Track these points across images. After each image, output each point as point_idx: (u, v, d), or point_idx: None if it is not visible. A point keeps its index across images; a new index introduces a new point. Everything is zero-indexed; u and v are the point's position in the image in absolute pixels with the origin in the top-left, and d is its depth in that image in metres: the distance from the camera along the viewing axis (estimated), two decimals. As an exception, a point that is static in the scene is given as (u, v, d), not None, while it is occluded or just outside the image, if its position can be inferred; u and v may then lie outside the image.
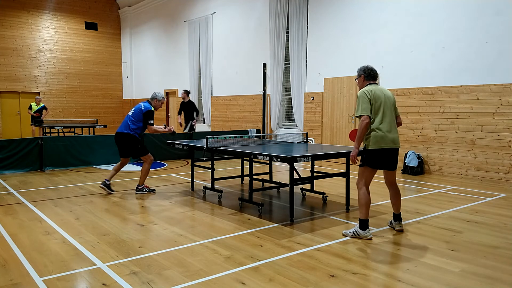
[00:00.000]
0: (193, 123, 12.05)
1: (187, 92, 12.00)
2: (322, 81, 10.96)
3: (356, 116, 4.40)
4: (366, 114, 4.30)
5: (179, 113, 12.22)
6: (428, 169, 8.77)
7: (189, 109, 12.00)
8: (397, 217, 4.74)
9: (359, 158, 4.53)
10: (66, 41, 18.94)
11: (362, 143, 4.45)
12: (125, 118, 6.83)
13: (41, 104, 15.25)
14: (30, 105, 15.26)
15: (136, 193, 6.76)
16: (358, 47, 10.05)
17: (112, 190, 6.86)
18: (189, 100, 12.06)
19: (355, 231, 4.42)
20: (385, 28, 9.48)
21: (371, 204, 5.98)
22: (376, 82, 4.61)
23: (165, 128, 6.98)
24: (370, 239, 4.38)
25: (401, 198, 6.47)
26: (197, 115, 12.19)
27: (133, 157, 6.88)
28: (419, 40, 8.85)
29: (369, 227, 4.49)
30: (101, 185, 6.82)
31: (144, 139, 10.62)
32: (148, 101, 6.85)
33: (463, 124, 8.14)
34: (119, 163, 6.91)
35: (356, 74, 4.71)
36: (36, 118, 14.76)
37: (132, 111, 6.78)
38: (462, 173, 8.18)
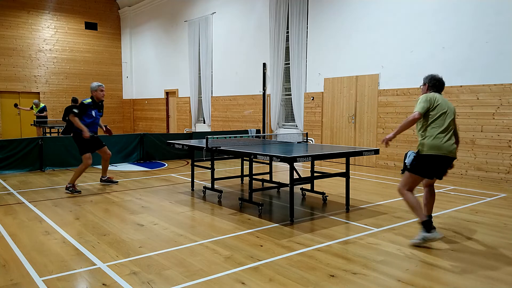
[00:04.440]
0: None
1: (73, 99, 12.22)
2: (322, 81, 10.96)
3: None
4: (419, 111, 4.14)
5: (64, 119, 12.20)
6: (428, 169, 8.76)
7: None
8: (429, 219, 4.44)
9: (389, 143, 4.35)
10: (66, 41, 18.94)
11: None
12: None
13: (42, 105, 15.27)
14: (32, 107, 15.35)
15: (65, 191, 6.85)
16: (358, 47, 10.05)
17: (113, 182, 7.61)
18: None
19: (422, 236, 4.11)
20: (385, 28, 9.47)
21: (371, 204, 5.99)
22: (441, 93, 4.42)
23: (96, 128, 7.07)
24: (440, 239, 4.20)
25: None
26: None
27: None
28: (419, 40, 8.85)
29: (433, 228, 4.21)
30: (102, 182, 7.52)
31: (144, 139, 10.61)
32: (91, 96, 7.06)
33: (463, 124, 8.13)
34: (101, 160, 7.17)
35: (422, 82, 4.53)
36: (39, 119, 14.80)
37: None
38: (462, 173, 8.18)
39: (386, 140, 4.33)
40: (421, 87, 4.53)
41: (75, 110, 6.73)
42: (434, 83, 4.39)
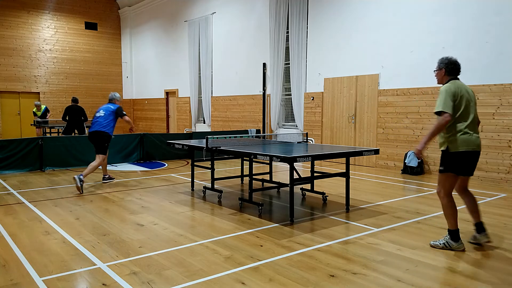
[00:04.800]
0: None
1: (74, 99, 12.26)
2: (322, 81, 10.96)
3: (436, 112, 3.88)
4: (449, 112, 3.79)
5: (64, 118, 12.13)
6: (428, 169, 8.76)
7: (75, 114, 11.99)
8: (480, 227, 4.10)
9: (424, 154, 4.19)
10: (66, 41, 18.94)
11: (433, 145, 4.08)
12: (97, 119, 7.38)
13: (43, 107, 15.27)
14: (34, 112, 15.32)
15: (74, 177, 6.90)
16: (358, 47, 10.05)
17: (112, 178, 7.91)
18: (77, 105, 12.16)
19: (446, 242, 4.02)
20: (385, 28, 9.47)
21: (371, 204, 5.99)
22: (458, 77, 4.09)
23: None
24: (463, 251, 3.99)
25: (408, 197, 6.48)
26: (85, 120, 12.14)
27: (96, 152, 7.43)
28: (419, 40, 8.85)
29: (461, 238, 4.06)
30: (104, 182, 7.78)
31: (144, 139, 10.64)
32: (111, 102, 7.64)
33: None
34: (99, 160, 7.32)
35: (437, 66, 4.16)
36: (40, 119, 14.81)
37: (103, 113, 7.41)
38: (462, 173, 8.18)
39: (418, 152, 4.02)
40: (436, 72, 4.16)
41: (124, 113, 7.57)
42: (452, 68, 4.05)
